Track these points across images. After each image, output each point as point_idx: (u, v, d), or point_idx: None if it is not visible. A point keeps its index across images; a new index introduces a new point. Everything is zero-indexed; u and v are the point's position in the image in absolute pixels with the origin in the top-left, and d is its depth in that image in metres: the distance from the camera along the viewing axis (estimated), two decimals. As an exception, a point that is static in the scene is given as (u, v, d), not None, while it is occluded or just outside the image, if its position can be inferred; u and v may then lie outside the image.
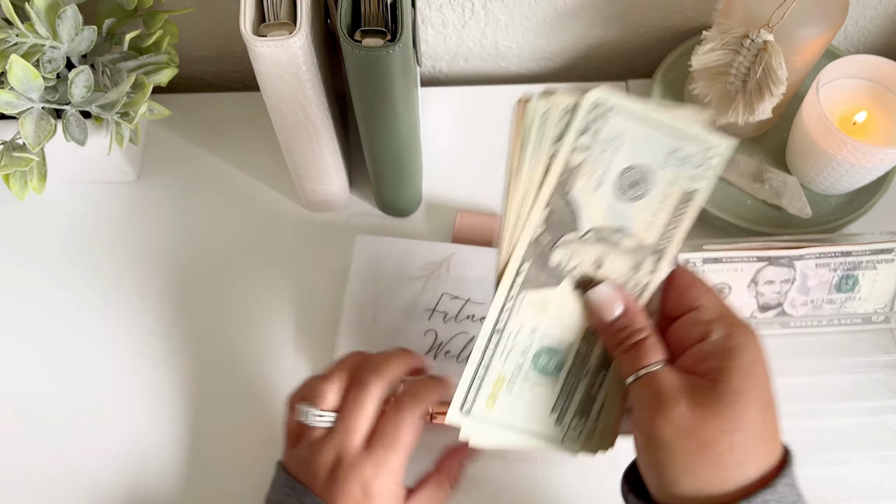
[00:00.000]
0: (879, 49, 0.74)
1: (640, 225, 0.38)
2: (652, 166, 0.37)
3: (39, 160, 0.56)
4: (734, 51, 0.58)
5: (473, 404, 0.41)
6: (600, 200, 0.37)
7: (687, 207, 0.38)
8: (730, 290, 0.58)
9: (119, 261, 0.63)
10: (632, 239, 0.38)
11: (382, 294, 0.59)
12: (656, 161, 0.36)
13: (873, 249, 0.58)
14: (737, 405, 0.34)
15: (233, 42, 0.70)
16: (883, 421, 0.58)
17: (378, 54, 0.46)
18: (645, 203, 0.37)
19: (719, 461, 0.33)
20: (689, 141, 0.36)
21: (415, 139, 0.58)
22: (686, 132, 0.36)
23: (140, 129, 0.57)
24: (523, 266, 0.39)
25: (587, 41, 0.72)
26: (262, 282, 0.62)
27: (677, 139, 0.36)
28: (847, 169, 0.59)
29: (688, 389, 0.35)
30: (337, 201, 0.64)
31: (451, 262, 0.59)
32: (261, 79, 0.49)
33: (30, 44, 0.51)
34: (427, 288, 0.59)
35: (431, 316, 0.58)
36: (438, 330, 0.58)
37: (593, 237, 0.38)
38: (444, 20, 0.68)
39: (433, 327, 0.58)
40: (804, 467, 0.56)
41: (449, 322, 0.58)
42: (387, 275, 0.59)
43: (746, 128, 0.65)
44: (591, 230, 0.38)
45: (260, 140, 0.68)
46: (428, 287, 0.59)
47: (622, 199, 0.38)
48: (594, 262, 0.39)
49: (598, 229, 0.38)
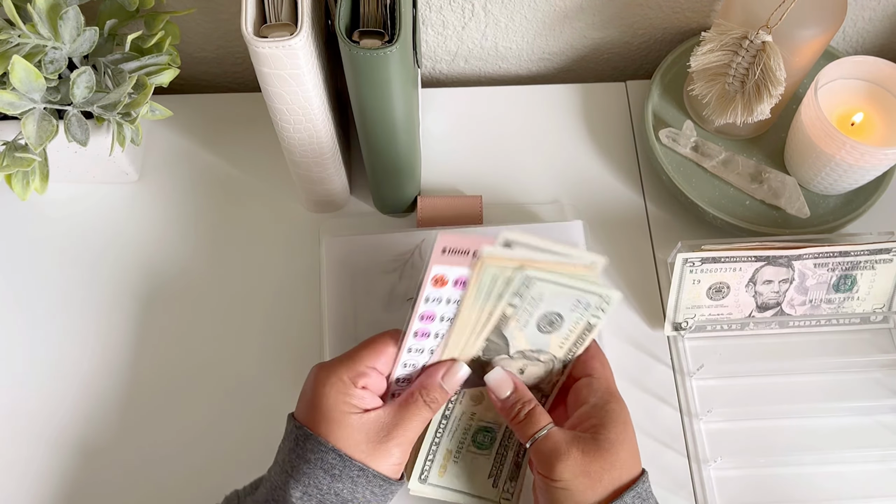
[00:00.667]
0: (878, 50, 0.74)
1: (554, 347, 0.50)
2: (563, 312, 0.48)
3: (41, 160, 0.56)
4: (733, 52, 0.58)
5: (429, 474, 0.52)
6: (525, 334, 0.49)
7: (588, 334, 0.50)
8: (728, 290, 0.59)
9: (120, 261, 0.63)
10: (547, 354, 0.50)
11: (360, 291, 0.59)
12: (566, 308, 0.48)
13: (871, 249, 0.58)
14: (613, 451, 0.45)
15: (234, 43, 0.70)
16: (881, 420, 0.58)
17: (375, 55, 0.46)
18: (557, 334, 0.49)
19: (602, 491, 0.45)
20: (592, 295, 0.47)
21: (413, 140, 0.58)
22: (590, 290, 0.47)
23: (141, 130, 0.57)
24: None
25: (586, 42, 0.72)
26: (262, 282, 0.63)
27: (582, 294, 0.47)
28: (845, 169, 0.59)
29: (576, 442, 0.46)
30: (337, 201, 0.64)
31: (423, 247, 0.60)
32: (262, 79, 0.49)
33: (32, 44, 0.51)
34: (404, 277, 0.59)
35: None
36: None
37: (519, 356, 0.50)
38: (443, 21, 0.68)
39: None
40: (803, 466, 0.56)
41: None
42: (361, 272, 0.60)
43: (745, 128, 0.65)
44: (518, 352, 0.50)
45: (261, 140, 0.68)
46: (405, 276, 0.59)
47: (541, 333, 0.49)
48: (518, 370, 0.51)
49: (522, 351, 0.50)
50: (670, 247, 0.63)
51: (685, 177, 0.64)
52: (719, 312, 0.59)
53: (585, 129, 0.70)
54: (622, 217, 0.65)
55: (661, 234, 0.65)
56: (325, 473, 0.45)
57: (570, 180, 0.67)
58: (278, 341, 0.60)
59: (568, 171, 0.68)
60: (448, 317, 0.48)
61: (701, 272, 0.58)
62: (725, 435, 0.57)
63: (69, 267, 0.63)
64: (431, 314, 0.48)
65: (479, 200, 0.64)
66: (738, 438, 0.57)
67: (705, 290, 0.59)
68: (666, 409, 0.58)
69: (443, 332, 0.49)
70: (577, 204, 0.66)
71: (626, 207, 0.66)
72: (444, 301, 0.47)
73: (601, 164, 0.68)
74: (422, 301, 0.47)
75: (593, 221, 0.65)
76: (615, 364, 0.59)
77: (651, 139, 0.65)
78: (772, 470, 0.56)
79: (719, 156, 0.64)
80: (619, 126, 0.70)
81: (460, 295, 0.47)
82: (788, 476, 0.56)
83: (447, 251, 0.46)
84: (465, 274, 0.46)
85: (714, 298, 0.59)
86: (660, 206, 0.66)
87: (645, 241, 0.65)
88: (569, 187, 0.67)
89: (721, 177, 0.64)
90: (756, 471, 0.56)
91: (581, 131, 0.70)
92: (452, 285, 0.47)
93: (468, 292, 0.47)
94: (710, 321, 0.60)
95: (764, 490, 0.55)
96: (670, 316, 0.59)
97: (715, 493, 0.55)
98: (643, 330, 0.61)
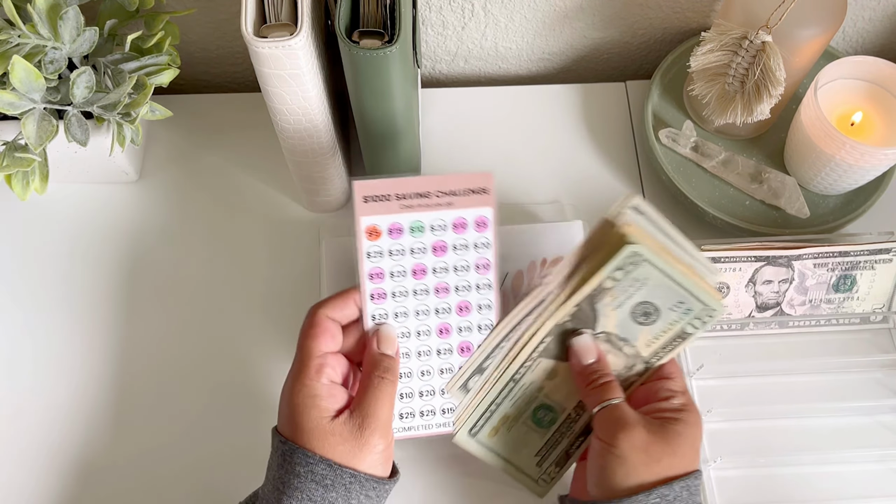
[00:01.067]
0: (877, 50, 0.75)
1: (641, 342, 0.48)
2: (662, 307, 0.47)
3: (41, 161, 0.56)
4: (732, 52, 0.58)
5: (480, 431, 0.51)
6: (617, 316, 0.47)
7: (681, 342, 0.48)
8: (728, 290, 0.59)
9: (120, 261, 0.63)
10: (632, 348, 0.48)
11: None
12: (667, 305, 0.46)
13: (871, 249, 0.58)
14: (679, 440, 0.45)
15: (234, 43, 0.70)
16: (881, 420, 0.58)
17: (375, 55, 0.46)
18: (649, 329, 0.47)
19: (658, 471, 0.44)
20: (697, 301, 0.46)
21: (413, 140, 0.58)
22: (697, 295, 0.46)
23: (141, 130, 0.57)
24: (546, 338, 0.48)
25: (586, 42, 0.72)
26: (262, 282, 0.63)
27: (687, 296, 0.46)
28: (845, 169, 0.59)
29: (644, 421, 0.46)
30: (338, 201, 0.64)
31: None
32: (262, 80, 0.49)
33: (32, 45, 0.51)
34: None
35: None
36: None
37: (603, 338, 0.48)
38: (443, 21, 0.68)
39: None
40: (803, 466, 0.56)
41: None
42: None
43: (745, 128, 0.65)
44: (603, 332, 0.48)
45: (261, 141, 0.68)
46: None
47: (632, 321, 0.47)
48: None
49: (608, 334, 0.48)
50: (670, 247, 0.63)
51: (685, 177, 0.64)
52: (719, 312, 0.59)
53: (585, 129, 0.70)
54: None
55: (660, 234, 0.65)
56: (317, 485, 0.44)
57: (570, 180, 0.67)
58: (278, 341, 0.60)
59: (568, 171, 0.68)
60: (398, 272, 0.47)
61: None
62: (725, 435, 0.57)
63: (69, 267, 0.63)
64: (379, 271, 0.48)
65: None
66: (738, 438, 0.57)
67: (705, 290, 0.59)
68: (666, 409, 0.58)
69: (400, 291, 0.48)
70: (577, 204, 0.66)
71: (626, 207, 0.66)
72: (386, 254, 0.47)
73: (601, 164, 0.68)
74: (364, 258, 0.46)
75: (593, 221, 0.64)
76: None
77: (651, 139, 0.65)
78: (772, 470, 0.56)
79: (719, 156, 0.64)
80: (619, 126, 0.70)
81: (401, 245, 0.47)
82: (788, 476, 0.56)
83: (368, 199, 0.47)
84: (396, 222, 0.47)
85: (714, 298, 0.59)
86: (660, 205, 0.66)
87: (645, 241, 0.65)
88: (569, 187, 0.67)
89: (721, 177, 0.64)
90: (756, 471, 0.56)
91: (581, 131, 0.70)
92: (388, 235, 0.47)
93: (581, 251, 0.46)
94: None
95: (764, 490, 0.55)
96: (670, 316, 0.59)
97: (715, 493, 0.55)
98: (643, 330, 0.61)
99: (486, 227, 0.49)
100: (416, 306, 0.49)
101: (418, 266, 0.49)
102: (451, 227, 0.49)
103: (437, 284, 0.49)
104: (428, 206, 0.48)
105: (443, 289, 0.50)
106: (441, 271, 0.49)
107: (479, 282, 0.50)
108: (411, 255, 0.48)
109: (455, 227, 0.49)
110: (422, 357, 0.50)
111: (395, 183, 0.48)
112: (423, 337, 0.50)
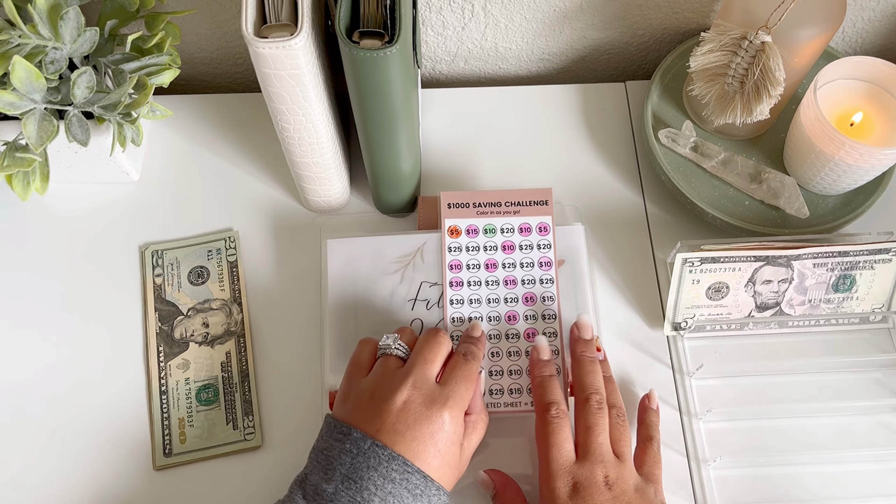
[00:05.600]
0: (877, 50, 0.75)
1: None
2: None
3: (42, 161, 0.56)
4: (732, 52, 0.58)
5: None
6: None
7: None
8: (727, 290, 0.59)
9: (120, 261, 0.63)
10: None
11: (361, 292, 0.59)
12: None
13: (870, 249, 0.58)
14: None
15: (234, 43, 0.70)
16: (880, 420, 0.58)
17: (375, 55, 0.46)
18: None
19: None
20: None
21: (413, 140, 0.58)
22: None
23: (142, 130, 0.57)
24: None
25: (586, 43, 0.72)
26: (262, 282, 0.63)
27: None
28: (844, 169, 0.59)
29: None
30: (338, 201, 0.65)
31: (424, 250, 0.60)
32: (262, 80, 0.49)
33: (32, 45, 0.51)
34: (405, 279, 0.59)
35: (414, 306, 0.58)
36: (424, 318, 0.58)
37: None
38: (443, 22, 0.68)
39: (418, 316, 0.58)
40: (802, 466, 0.56)
41: (433, 309, 0.58)
42: (363, 273, 0.60)
43: (744, 128, 0.65)
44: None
45: (261, 141, 0.68)
46: (405, 278, 0.59)
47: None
48: None
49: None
50: (670, 247, 0.63)
51: (685, 177, 0.64)
52: (718, 312, 0.59)
53: (585, 129, 0.70)
54: (622, 217, 0.66)
55: (660, 234, 0.65)
56: (409, 493, 0.46)
57: (570, 181, 0.67)
58: (278, 341, 0.60)
59: (568, 171, 0.68)
60: (473, 264, 0.58)
61: (700, 272, 0.58)
62: (725, 435, 0.57)
63: (69, 267, 0.63)
64: (457, 262, 0.59)
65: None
66: (737, 438, 0.57)
67: (705, 290, 0.59)
68: (665, 409, 0.58)
69: (474, 280, 0.58)
70: (577, 204, 0.66)
71: (626, 208, 0.66)
72: (463, 249, 0.59)
73: (601, 165, 0.68)
74: (446, 251, 0.59)
75: (593, 221, 0.65)
76: (615, 364, 0.59)
77: (650, 139, 0.65)
78: (771, 470, 0.56)
79: (719, 156, 0.64)
80: (619, 127, 0.70)
81: (476, 243, 0.59)
82: (788, 476, 0.56)
83: (451, 206, 0.60)
84: (473, 224, 0.60)
85: (713, 298, 0.59)
86: (659, 206, 0.66)
87: (644, 242, 0.65)
88: (569, 188, 0.67)
89: (720, 177, 0.64)
90: (756, 470, 0.56)
91: (581, 132, 0.70)
92: (465, 234, 0.59)
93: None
94: (709, 321, 0.60)
95: (764, 490, 0.55)
96: (670, 316, 0.59)
97: (714, 493, 0.55)
98: (643, 330, 0.61)
99: (547, 232, 0.59)
100: (488, 294, 0.58)
101: (490, 260, 0.59)
102: (518, 230, 0.60)
103: (506, 277, 0.59)
104: (499, 213, 0.60)
105: (511, 281, 0.58)
106: (510, 266, 0.59)
107: (542, 276, 0.59)
108: (485, 252, 0.59)
109: (521, 231, 0.60)
110: (492, 340, 0.57)
111: (473, 194, 0.60)
112: (493, 322, 0.57)
